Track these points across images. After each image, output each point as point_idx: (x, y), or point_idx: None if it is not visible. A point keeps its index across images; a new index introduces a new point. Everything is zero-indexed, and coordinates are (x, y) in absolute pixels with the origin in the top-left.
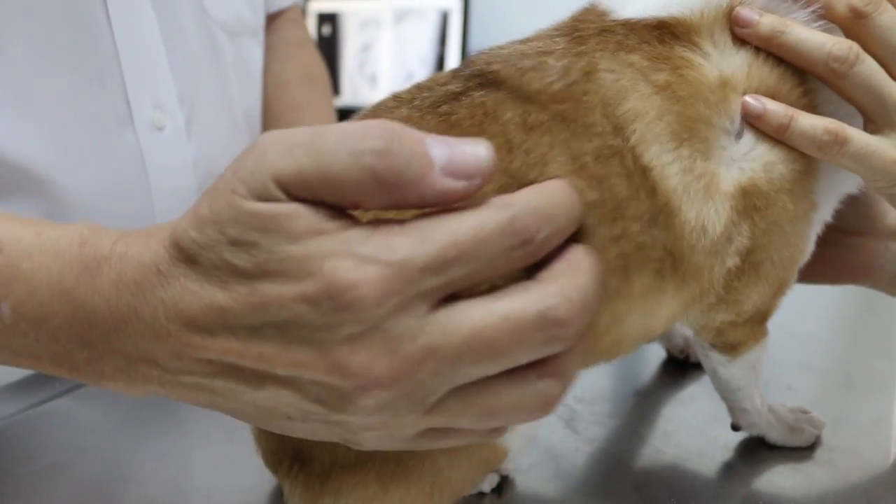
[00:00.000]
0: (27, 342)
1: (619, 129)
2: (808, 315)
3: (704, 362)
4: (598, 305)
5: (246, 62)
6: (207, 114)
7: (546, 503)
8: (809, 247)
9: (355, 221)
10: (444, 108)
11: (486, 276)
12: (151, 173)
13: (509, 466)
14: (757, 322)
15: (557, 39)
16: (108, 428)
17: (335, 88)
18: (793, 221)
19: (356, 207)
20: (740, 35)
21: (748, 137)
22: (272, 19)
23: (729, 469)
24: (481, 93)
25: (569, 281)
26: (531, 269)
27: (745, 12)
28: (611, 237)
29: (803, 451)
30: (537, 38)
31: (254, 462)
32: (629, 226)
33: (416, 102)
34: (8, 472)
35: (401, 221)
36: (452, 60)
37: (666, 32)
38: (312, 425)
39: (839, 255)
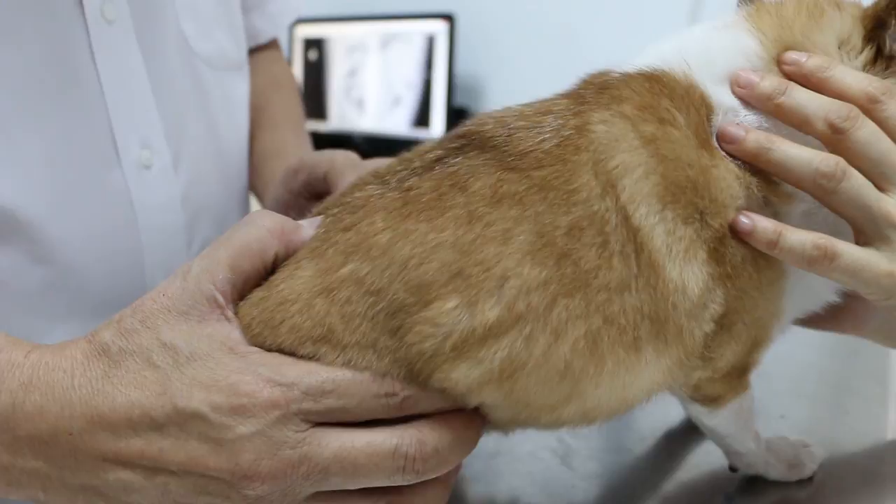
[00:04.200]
0: None
1: (609, 187)
2: (800, 341)
3: (688, 412)
4: (460, 458)
5: (231, 97)
6: (194, 149)
7: None
8: (785, 309)
9: (261, 351)
10: (410, 182)
11: (358, 415)
12: (139, 212)
13: None
14: (735, 377)
15: (560, 101)
16: None
17: (322, 113)
18: (759, 288)
19: (267, 267)
20: (727, 150)
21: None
22: (251, 54)
23: None
24: (458, 159)
25: (430, 429)
26: None
27: (732, 129)
28: (573, 314)
29: (803, 482)
30: (543, 100)
31: None
32: (595, 297)
33: (388, 178)
34: None
35: (296, 358)
36: (439, 84)
37: (656, 83)
38: None
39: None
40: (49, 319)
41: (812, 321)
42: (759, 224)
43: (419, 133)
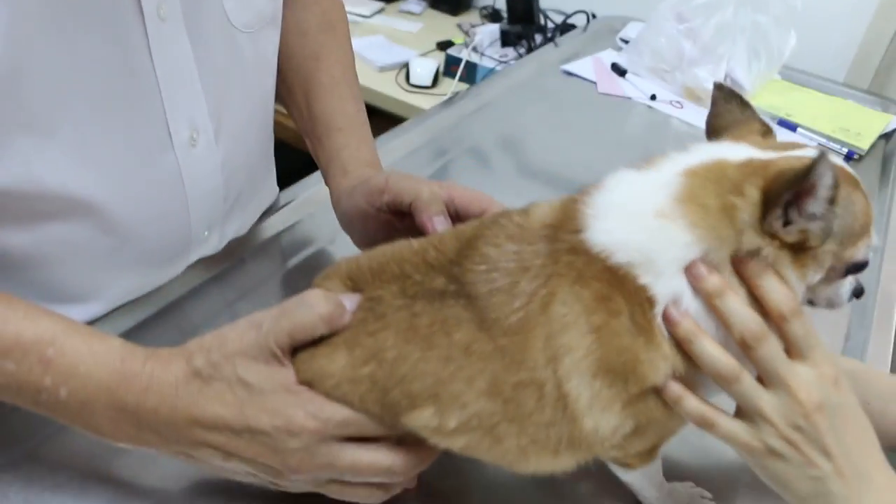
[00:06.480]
0: (71, 413)
1: (552, 360)
2: None
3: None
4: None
5: (263, 53)
6: (232, 117)
7: None
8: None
9: (308, 390)
10: (418, 307)
11: (367, 437)
12: (187, 182)
13: None
14: (646, 454)
15: (539, 247)
16: None
17: None
18: (669, 416)
19: (310, 338)
20: (666, 328)
21: None
22: None
23: None
24: (451, 303)
25: (412, 457)
26: None
27: (673, 313)
28: (513, 434)
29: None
30: (527, 232)
31: None
32: (528, 428)
33: (407, 287)
34: None
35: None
36: None
37: (613, 276)
38: (251, 479)
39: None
40: (114, 273)
41: None
42: (671, 387)
43: None
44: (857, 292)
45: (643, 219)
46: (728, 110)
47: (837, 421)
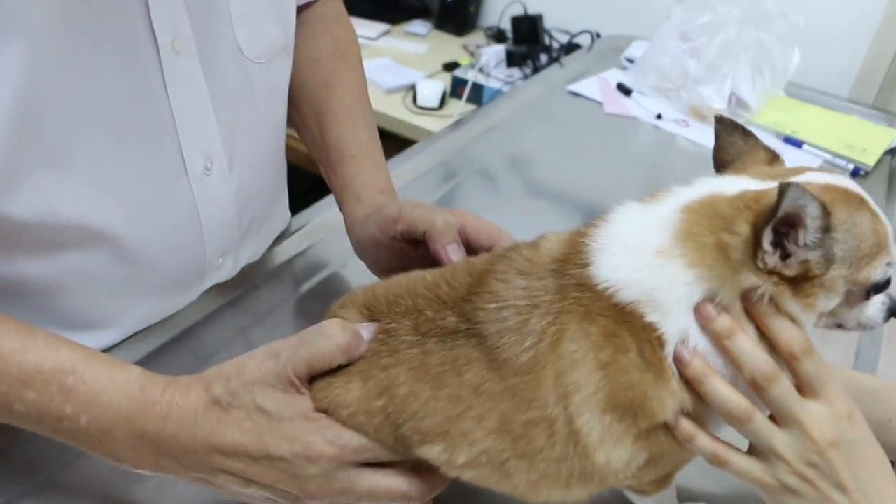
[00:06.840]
0: (91, 440)
1: (563, 397)
2: None
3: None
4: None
5: (275, 82)
6: (246, 146)
7: None
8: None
9: (326, 417)
10: (429, 345)
11: (383, 459)
12: (202, 210)
13: None
14: (661, 481)
15: (548, 282)
16: None
17: None
18: (680, 447)
19: (328, 368)
20: (677, 368)
21: None
22: (309, 7)
23: None
24: (462, 342)
25: (425, 484)
26: None
27: (684, 354)
28: (523, 470)
29: None
30: (537, 266)
31: None
32: (539, 464)
33: (420, 323)
34: None
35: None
36: None
37: (620, 314)
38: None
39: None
40: (130, 301)
41: None
42: (683, 425)
43: None
44: (894, 311)
45: (645, 257)
46: (732, 143)
47: (853, 456)
